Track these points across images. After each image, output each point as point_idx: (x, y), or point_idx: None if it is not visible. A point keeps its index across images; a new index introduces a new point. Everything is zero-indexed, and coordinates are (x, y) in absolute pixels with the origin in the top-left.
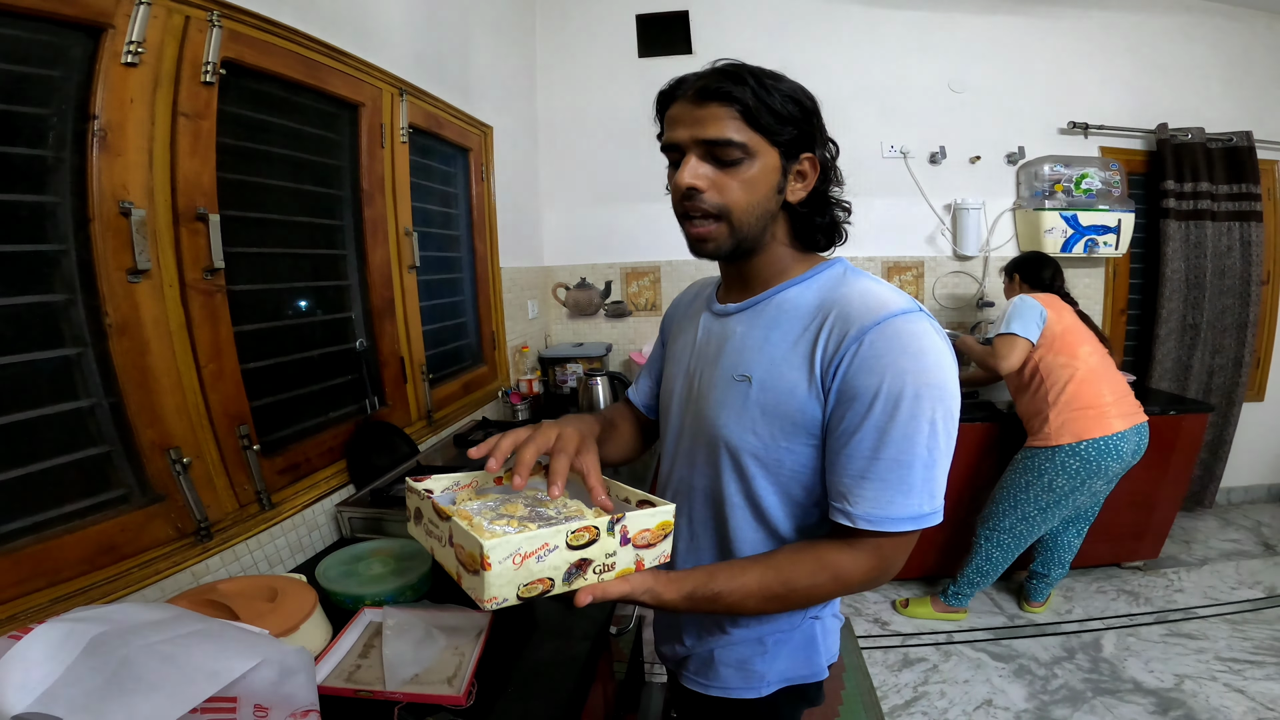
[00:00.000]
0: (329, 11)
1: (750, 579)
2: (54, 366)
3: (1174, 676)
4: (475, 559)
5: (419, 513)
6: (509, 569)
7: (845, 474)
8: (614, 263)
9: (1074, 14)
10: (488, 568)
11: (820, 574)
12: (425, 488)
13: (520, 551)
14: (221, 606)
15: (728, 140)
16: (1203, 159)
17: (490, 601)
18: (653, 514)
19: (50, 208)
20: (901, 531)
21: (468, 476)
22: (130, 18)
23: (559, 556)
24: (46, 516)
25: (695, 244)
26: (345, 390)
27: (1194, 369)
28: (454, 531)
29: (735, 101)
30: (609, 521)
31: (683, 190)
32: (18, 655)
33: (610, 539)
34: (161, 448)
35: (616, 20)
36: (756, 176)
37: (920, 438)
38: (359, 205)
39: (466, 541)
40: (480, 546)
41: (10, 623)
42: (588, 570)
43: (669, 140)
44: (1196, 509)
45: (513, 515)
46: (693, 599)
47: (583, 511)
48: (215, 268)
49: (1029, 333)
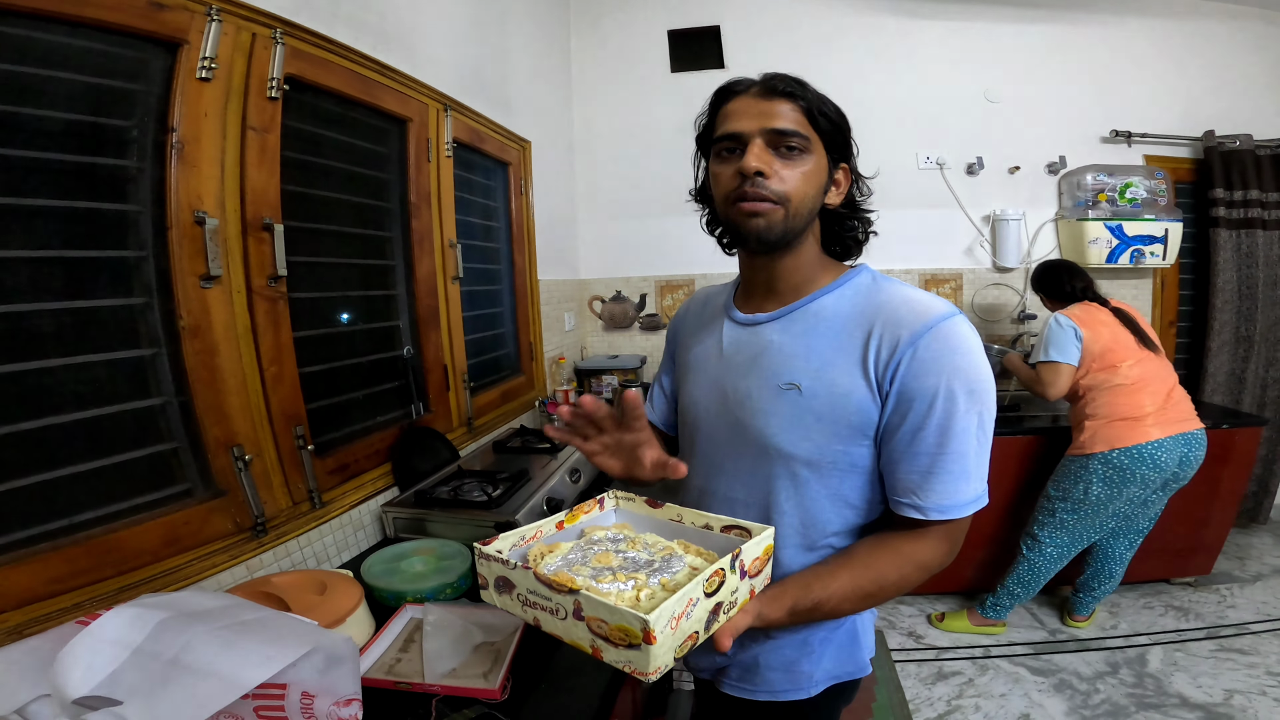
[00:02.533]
0: (379, 30)
1: (843, 582)
2: (131, 366)
3: (1223, 691)
4: (635, 634)
5: (505, 582)
6: (669, 635)
7: (913, 471)
8: (648, 276)
9: (1112, 20)
10: (654, 642)
11: (905, 565)
12: (502, 553)
13: (674, 615)
14: (274, 598)
15: (795, 130)
16: (1252, 167)
17: (656, 673)
18: (758, 542)
19: (133, 216)
20: (966, 516)
21: (530, 529)
22: (203, 34)
23: (701, 608)
24: (118, 508)
25: (746, 219)
26: (392, 396)
27: (1248, 382)
28: (584, 605)
29: (801, 99)
30: (730, 560)
31: (750, 172)
32: (86, 640)
33: (734, 577)
34: (226, 445)
35: (649, 36)
36: (812, 171)
37: (972, 430)
38: (407, 217)
39: (614, 617)
40: (644, 622)
41: (75, 610)
42: (720, 612)
43: (731, 130)
44: (1251, 525)
45: (608, 567)
46: (795, 613)
47: (670, 547)
48: (279, 275)
49: (1068, 357)
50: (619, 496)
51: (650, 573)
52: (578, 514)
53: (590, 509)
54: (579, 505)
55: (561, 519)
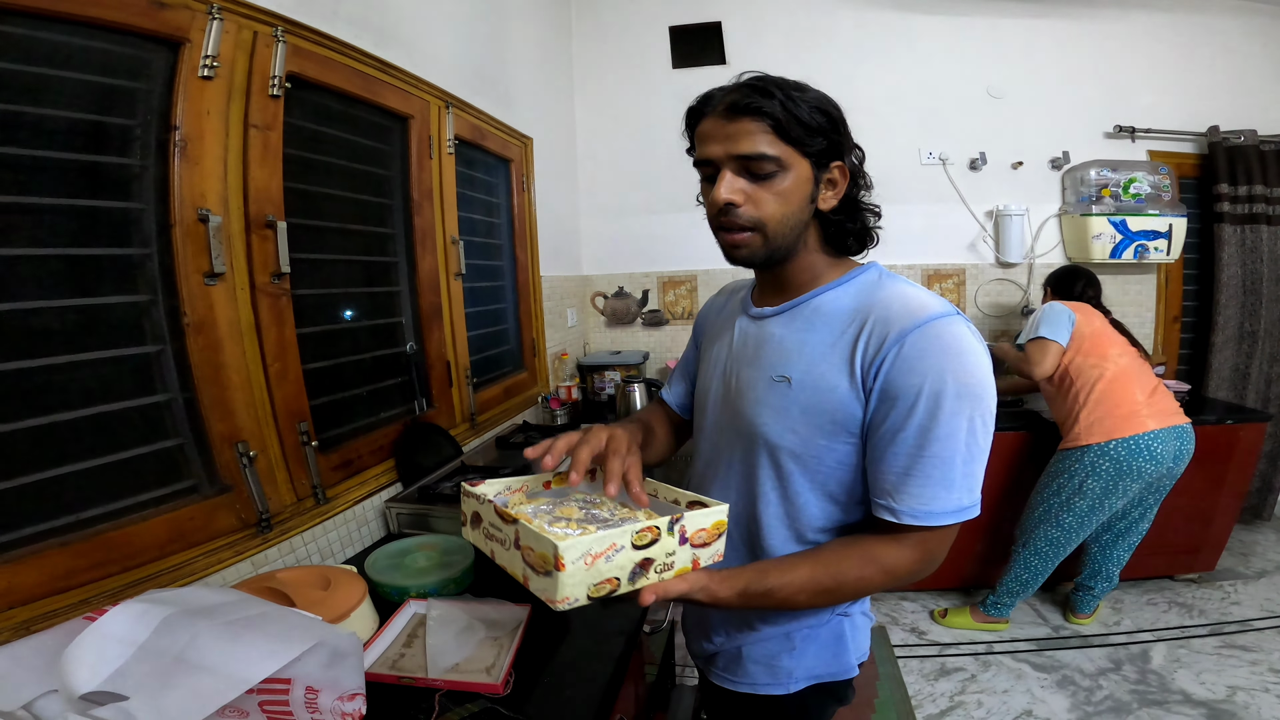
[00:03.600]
0: (380, 27)
1: (800, 574)
2: (136, 363)
3: (1226, 688)
4: (548, 560)
5: (477, 517)
6: (581, 569)
7: (890, 472)
8: (651, 272)
9: (1115, 15)
10: (562, 568)
11: (868, 567)
12: (481, 491)
13: (591, 552)
14: (279, 594)
15: (761, 154)
16: (1256, 162)
17: (563, 602)
18: (708, 514)
19: (136, 214)
20: (944, 525)
21: (517, 481)
22: (205, 32)
23: (625, 556)
24: (123, 504)
25: (729, 250)
26: (395, 392)
27: (1252, 377)
28: (521, 534)
29: (765, 116)
30: (669, 521)
31: (720, 206)
32: (92, 636)
33: (670, 538)
34: (230, 441)
35: (651, 33)
36: (790, 189)
37: (960, 435)
38: (409, 214)
39: (537, 543)
40: (554, 548)
41: (84, 606)
42: (650, 569)
43: (702, 156)
44: (1255, 521)
45: (569, 518)
46: (745, 595)
47: (634, 514)
48: (282, 272)
49: (1059, 335)
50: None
51: (601, 526)
52: (565, 478)
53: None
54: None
55: (549, 479)
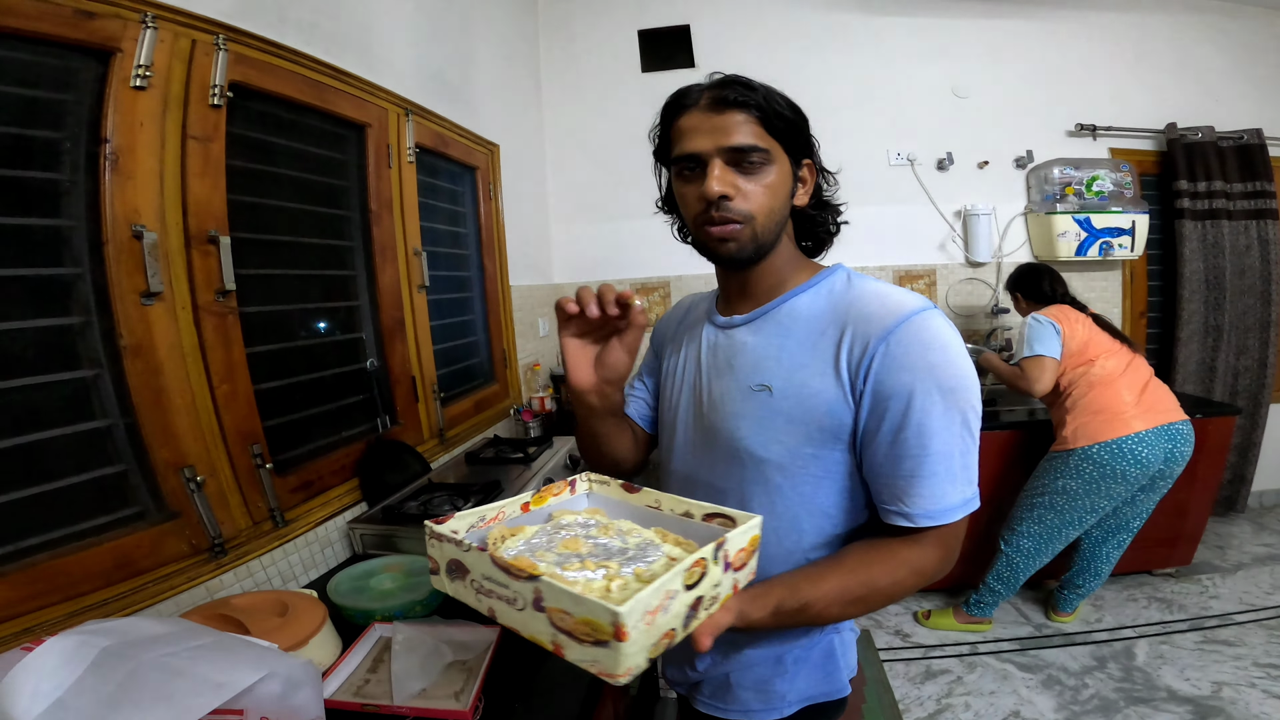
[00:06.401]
0: (333, 34)
1: (831, 585)
2: (71, 388)
3: (1211, 684)
4: (602, 629)
5: (458, 566)
6: (642, 632)
7: (896, 476)
8: (624, 279)
9: (1074, 16)
10: (625, 638)
11: (899, 570)
12: (454, 533)
13: (649, 609)
14: (233, 621)
15: (753, 146)
16: (1214, 158)
17: (626, 674)
18: (744, 531)
19: (66, 232)
20: (957, 520)
21: (491, 509)
22: (138, 41)
23: (679, 602)
24: (63, 533)
25: (718, 244)
26: (357, 409)
27: (1218, 371)
28: (546, 593)
29: (753, 108)
30: (714, 549)
31: (713, 198)
32: (30, 666)
33: (716, 568)
34: (175, 466)
35: (619, 36)
36: (776, 182)
37: (955, 429)
38: (368, 226)
39: (580, 608)
40: (614, 615)
41: (24, 635)
42: (700, 608)
43: (688, 151)
44: (1229, 514)
45: (576, 554)
46: (779, 614)
47: (647, 536)
48: (227, 290)
49: (1052, 351)
50: (592, 479)
51: (624, 561)
52: (545, 496)
53: (560, 491)
54: (547, 486)
55: (527, 500)
